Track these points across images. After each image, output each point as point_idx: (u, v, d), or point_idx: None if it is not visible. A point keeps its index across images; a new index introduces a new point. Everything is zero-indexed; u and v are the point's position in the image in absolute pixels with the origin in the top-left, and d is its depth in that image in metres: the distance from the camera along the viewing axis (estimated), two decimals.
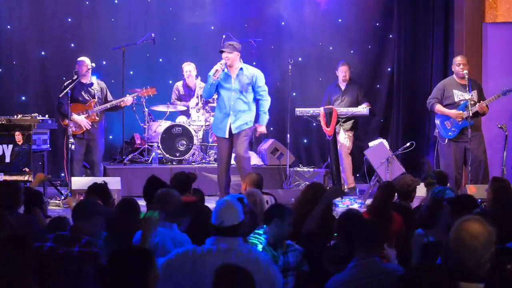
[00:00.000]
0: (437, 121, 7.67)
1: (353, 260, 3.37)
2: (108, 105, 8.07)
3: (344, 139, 8.60)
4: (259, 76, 7.21)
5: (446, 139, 7.55)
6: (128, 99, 8.22)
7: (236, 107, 7.09)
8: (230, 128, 7.11)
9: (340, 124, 8.54)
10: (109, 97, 8.22)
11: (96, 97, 8.05)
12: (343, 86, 8.74)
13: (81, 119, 7.89)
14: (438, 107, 7.61)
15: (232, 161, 7.59)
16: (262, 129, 7.37)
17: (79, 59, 8.14)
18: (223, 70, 7.04)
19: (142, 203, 4.92)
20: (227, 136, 7.13)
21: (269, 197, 5.29)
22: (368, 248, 3.36)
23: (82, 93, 8.01)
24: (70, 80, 7.97)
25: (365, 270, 3.29)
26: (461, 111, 7.42)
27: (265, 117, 7.31)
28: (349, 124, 8.61)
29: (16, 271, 2.85)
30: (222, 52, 7.08)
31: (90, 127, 7.92)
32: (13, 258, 2.88)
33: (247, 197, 4.59)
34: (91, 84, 8.09)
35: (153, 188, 4.63)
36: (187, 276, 3.20)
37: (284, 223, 3.92)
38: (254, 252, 3.29)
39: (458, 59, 7.62)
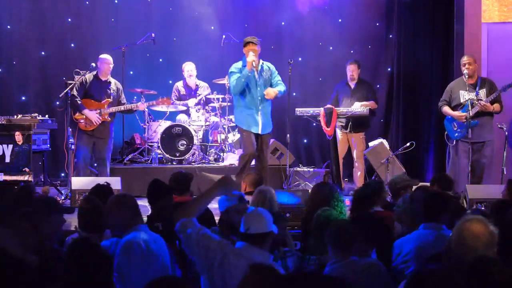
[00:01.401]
0: (446, 123, 7.68)
1: (328, 264, 3.35)
2: (121, 107, 8.05)
3: (358, 143, 8.56)
4: (274, 68, 7.40)
5: (454, 140, 7.56)
6: (141, 105, 8.24)
7: (262, 102, 7.22)
8: (261, 125, 7.23)
9: (352, 130, 8.49)
10: (123, 99, 8.20)
11: (111, 97, 8.03)
12: (352, 85, 8.70)
13: (92, 114, 7.87)
14: (445, 109, 7.63)
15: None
16: (270, 92, 7.26)
17: (102, 56, 8.08)
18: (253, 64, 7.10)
19: (141, 203, 4.92)
20: (259, 132, 7.21)
21: None
22: (341, 249, 3.34)
23: (99, 90, 7.99)
24: (90, 74, 7.93)
25: (344, 271, 3.26)
26: (463, 112, 7.43)
27: (280, 89, 7.32)
28: (359, 126, 8.55)
29: None
30: (249, 43, 7.13)
31: (99, 122, 7.88)
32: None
33: (258, 194, 4.60)
34: (109, 84, 8.07)
35: (156, 193, 4.65)
36: (216, 260, 3.31)
37: (277, 228, 3.93)
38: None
39: (464, 59, 7.62)
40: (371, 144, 8.66)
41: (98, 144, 7.95)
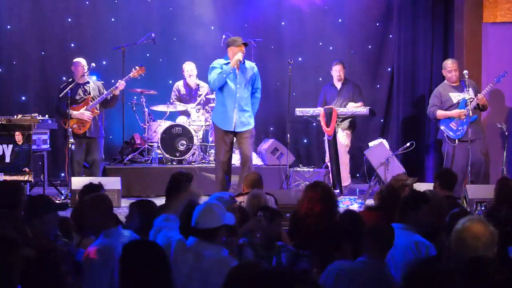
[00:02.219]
0: (442, 126, 7.69)
1: (364, 256, 3.38)
2: (103, 95, 8.02)
3: (342, 137, 8.60)
4: (257, 70, 7.26)
5: (456, 140, 7.56)
6: (121, 84, 8.11)
7: (240, 101, 7.06)
8: (235, 122, 7.06)
9: (337, 124, 8.55)
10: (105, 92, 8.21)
11: (91, 94, 8.04)
12: (338, 85, 8.77)
13: (81, 113, 7.87)
14: (440, 112, 7.65)
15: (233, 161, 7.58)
16: None
17: (74, 60, 8.13)
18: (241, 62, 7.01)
19: None
20: (232, 129, 7.07)
21: (269, 197, 5.28)
22: (381, 250, 3.39)
23: (78, 92, 8.00)
24: (66, 83, 7.96)
25: (375, 269, 3.30)
26: (462, 109, 7.45)
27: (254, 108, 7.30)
28: (346, 123, 8.62)
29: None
30: (244, 44, 7.06)
31: (92, 117, 7.89)
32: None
33: (251, 198, 4.61)
34: (87, 83, 8.09)
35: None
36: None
37: (272, 224, 3.94)
38: (225, 261, 3.26)
39: (449, 65, 7.65)
40: (371, 144, 8.65)
41: (89, 145, 7.98)
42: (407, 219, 3.92)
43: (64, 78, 8.62)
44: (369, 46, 10.33)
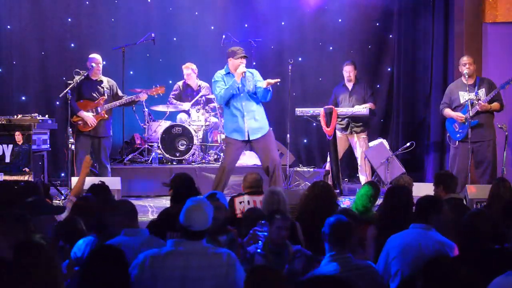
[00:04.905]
0: (447, 125, 7.70)
1: (328, 256, 3.45)
2: (117, 102, 8.03)
3: (361, 144, 8.55)
4: (258, 73, 7.10)
5: (456, 142, 7.58)
6: (144, 96, 8.19)
7: (248, 107, 6.88)
8: (248, 131, 6.87)
9: (352, 132, 8.50)
10: (120, 93, 8.19)
11: (105, 94, 8.02)
12: (349, 86, 8.70)
13: (88, 116, 7.86)
14: (446, 111, 7.65)
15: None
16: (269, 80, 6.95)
17: (90, 56, 8.08)
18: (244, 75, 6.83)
19: (141, 203, 4.93)
20: (246, 138, 6.91)
21: None
22: (342, 244, 3.45)
23: (91, 90, 7.97)
24: (81, 76, 7.85)
25: (341, 265, 3.38)
26: (463, 114, 7.44)
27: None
28: (359, 127, 8.56)
29: None
30: (245, 57, 6.86)
31: (95, 124, 7.86)
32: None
33: (270, 194, 4.62)
34: (101, 82, 8.06)
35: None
36: (147, 278, 3.20)
37: (272, 227, 3.92)
38: (216, 252, 3.30)
39: (464, 59, 7.62)
40: (371, 144, 8.66)
41: (96, 144, 7.96)
42: (429, 220, 3.88)
43: (64, 78, 8.61)
44: (369, 46, 10.33)
